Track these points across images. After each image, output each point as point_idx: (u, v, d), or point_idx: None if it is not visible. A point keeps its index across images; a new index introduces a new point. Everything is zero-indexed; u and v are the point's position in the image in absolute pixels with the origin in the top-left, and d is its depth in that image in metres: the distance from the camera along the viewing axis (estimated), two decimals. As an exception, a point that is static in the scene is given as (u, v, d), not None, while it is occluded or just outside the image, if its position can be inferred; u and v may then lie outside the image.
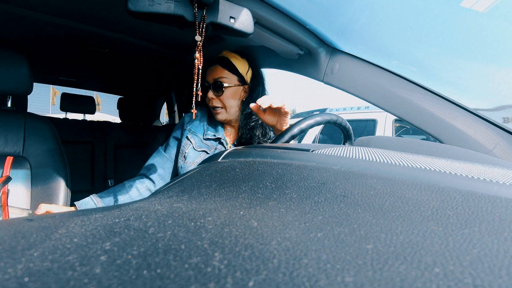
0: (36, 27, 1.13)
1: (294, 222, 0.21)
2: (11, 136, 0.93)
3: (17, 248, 0.18)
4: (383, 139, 0.66)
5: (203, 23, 0.54)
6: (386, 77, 0.87)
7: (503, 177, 0.27)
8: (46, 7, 0.99)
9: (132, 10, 0.49)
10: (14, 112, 0.99)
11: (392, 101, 0.85)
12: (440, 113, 0.77)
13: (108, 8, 0.99)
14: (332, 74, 0.97)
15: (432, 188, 0.24)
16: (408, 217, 0.20)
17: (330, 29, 0.89)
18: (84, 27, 1.14)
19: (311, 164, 0.33)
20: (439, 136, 0.78)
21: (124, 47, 1.39)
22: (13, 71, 0.89)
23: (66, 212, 0.27)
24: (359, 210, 0.22)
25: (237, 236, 0.20)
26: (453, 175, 0.27)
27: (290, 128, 0.73)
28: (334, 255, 0.16)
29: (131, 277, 0.15)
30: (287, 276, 0.14)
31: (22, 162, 0.93)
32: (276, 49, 1.00)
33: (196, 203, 0.29)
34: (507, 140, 0.69)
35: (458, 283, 0.13)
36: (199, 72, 0.58)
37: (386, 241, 0.17)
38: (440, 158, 0.37)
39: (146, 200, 0.33)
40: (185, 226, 0.22)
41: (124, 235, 0.20)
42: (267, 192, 0.28)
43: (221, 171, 0.37)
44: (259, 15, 0.78)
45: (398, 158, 0.33)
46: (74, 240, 0.19)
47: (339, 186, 0.26)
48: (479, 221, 0.19)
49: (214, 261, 0.16)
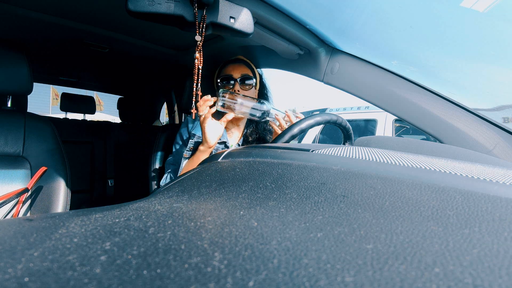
0: (36, 27, 1.13)
1: (294, 222, 0.21)
2: (11, 136, 0.93)
3: (17, 248, 0.18)
4: (383, 139, 0.66)
5: (203, 23, 0.54)
6: (386, 77, 0.87)
7: (503, 177, 0.27)
8: (46, 7, 0.99)
9: (132, 10, 0.49)
10: (14, 112, 0.99)
11: (392, 101, 0.85)
12: (440, 113, 0.77)
13: (108, 8, 0.99)
14: (332, 74, 0.97)
15: (432, 188, 0.24)
16: (408, 217, 0.20)
17: (330, 29, 0.89)
18: (84, 27, 1.14)
19: (311, 164, 0.33)
20: (439, 136, 0.78)
21: (124, 47, 1.39)
22: (13, 71, 0.89)
23: (66, 212, 0.27)
24: (359, 210, 0.22)
25: (237, 236, 0.20)
26: (453, 175, 0.27)
27: (290, 128, 0.73)
28: (334, 255, 0.16)
29: (131, 277, 0.15)
30: (287, 276, 0.14)
31: (22, 162, 0.93)
32: (276, 49, 1.00)
33: (196, 203, 0.29)
34: (507, 140, 0.69)
35: (458, 283, 0.13)
36: (199, 72, 0.58)
37: (386, 241, 0.17)
38: (440, 158, 0.37)
39: (146, 200, 0.33)
40: (185, 226, 0.22)
41: (124, 235, 0.20)
42: (267, 192, 0.28)
43: (221, 171, 0.37)
44: (259, 15, 0.78)
45: (398, 158, 0.33)
46: (74, 240, 0.19)
47: (339, 186, 0.26)
48: (479, 221, 0.19)
49: (214, 261, 0.16)
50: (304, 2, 0.81)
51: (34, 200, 0.93)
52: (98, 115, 8.50)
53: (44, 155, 0.97)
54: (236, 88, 1.03)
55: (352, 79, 0.93)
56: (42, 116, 1.06)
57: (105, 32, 1.20)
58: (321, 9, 0.85)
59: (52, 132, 1.01)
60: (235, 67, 1.06)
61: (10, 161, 0.91)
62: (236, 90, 1.03)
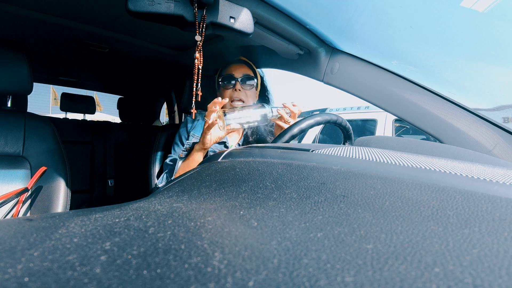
0: (36, 27, 1.13)
1: (294, 222, 0.21)
2: (11, 136, 0.93)
3: (17, 248, 0.18)
4: (383, 139, 0.66)
5: (203, 23, 0.54)
6: (386, 77, 0.87)
7: (503, 177, 0.27)
8: (46, 7, 0.99)
9: (132, 10, 0.49)
10: (14, 112, 0.99)
11: (392, 101, 0.85)
12: (440, 113, 0.77)
13: (108, 8, 0.99)
14: (332, 74, 0.97)
15: (432, 188, 0.24)
16: (408, 217, 0.20)
17: (330, 29, 0.89)
18: (84, 27, 1.14)
19: (311, 164, 0.33)
20: (439, 136, 0.78)
21: (124, 47, 1.39)
22: (13, 71, 0.89)
23: (66, 212, 0.27)
24: (359, 210, 0.22)
25: (237, 236, 0.20)
26: (453, 175, 0.27)
27: (290, 128, 0.73)
28: (334, 255, 0.16)
29: (131, 277, 0.15)
30: (287, 276, 0.14)
31: (22, 162, 0.93)
32: (276, 49, 1.00)
33: (196, 203, 0.29)
34: (507, 140, 0.69)
35: (458, 283, 0.13)
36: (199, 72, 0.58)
37: (386, 241, 0.17)
38: (440, 158, 0.37)
39: (146, 200, 0.33)
40: (185, 226, 0.22)
41: (124, 235, 0.20)
42: (267, 192, 0.28)
43: (221, 171, 0.37)
44: (259, 15, 0.78)
45: (398, 158, 0.33)
46: (74, 240, 0.19)
47: (339, 186, 0.26)
48: (479, 221, 0.19)
49: (214, 261, 0.16)
50: (304, 2, 0.81)
51: (34, 200, 0.93)
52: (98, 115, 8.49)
53: (44, 155, 0.97)
54: (237, 87, 1.04)
55: (352, 79, 0.93)
56: (42, 116, 1.05)
57: (105, 32, 1.20)
58: (321, 9, 0.85)
59: (52, 132, 1.01)
60: (236, 67, 1.07)
61: (10, 161, 0.91)
62: (237, 89, 1.04)
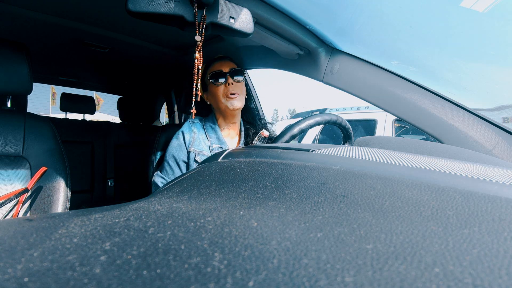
0: (36, 27, 1.13)
1: (294, 222, 0.21)
2: (11, 136, 0.93)
3: (17, 248, 0.18)
4: (383, 139, 0.66)
5: (203, 23, 0.54)
6: (386, 77, 0.87)
7: (503, 177, 0.27)
8: (46, 7, 0.99)
9: (132, 10, 0.49)
10: (14, 112, 0.99)
11: (392, 101, 0.85)
12: (440, 113, 0.77)
13: (108, 8, 0.99)
14: (332, 74, 0.97)
15: (432, 188, 0.24)
16: (408, 217, 0.20)
17: (330, 29, 0.89)
18: (84, 27, 1.14)
19: (311, 164, 0.33)
20: (439, 136, 0.78)
21: (124, 47, 1.39)
22: (13, 71, 0.89)
23: (66, 212, 0.27)
24: (359, 210, 0.22)
25: (237, 236, 0.20)
26: (453, 175, 0.27)
27: (290, 128, 0.73)
28: (334, 255, 0.16)
29: (131, 277, 0.15)
30: (287, 276, 0.14)
31: (22, 162, 0.93)
32: (276, 49, 1.00)
33: (196, 203, 0.29)
34: (507, 140, 0.69)
35: (458, 283, 0.13)
36: (199, 72, 0.58)
37: (386, 241, 0.17)
38: (440, 158, 0.37)
39: (146, 200, 0.33)
40: (185, 226, 0.22)
41: (124, 235, 0.20)
42: (267, 192, 0.28)
43: (221, 171, 0.37)
44: (259, 15, 0.78)
45: (398, 158, 0.33)
46: (74, 240, 0.19)
47: (339, 186, 0.26)
48: (479, 221, 0.19)
49: (214, 261, 0.16)
50: (304, 2, 0.81)
51: (34, 200, 0.93)
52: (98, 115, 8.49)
53: (44, 155, 0.97)
54: (229, 81, 1.02)
55: (352, 79, 0.93)
56: (42, 116, 1.05)
57: (105, 32, 1.20)
58: (321, 9, 0.85)
59: (52, 132, 1.01)
60: (222, 63, 1.06)
61: (10, 161, 0.91)
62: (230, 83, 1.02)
